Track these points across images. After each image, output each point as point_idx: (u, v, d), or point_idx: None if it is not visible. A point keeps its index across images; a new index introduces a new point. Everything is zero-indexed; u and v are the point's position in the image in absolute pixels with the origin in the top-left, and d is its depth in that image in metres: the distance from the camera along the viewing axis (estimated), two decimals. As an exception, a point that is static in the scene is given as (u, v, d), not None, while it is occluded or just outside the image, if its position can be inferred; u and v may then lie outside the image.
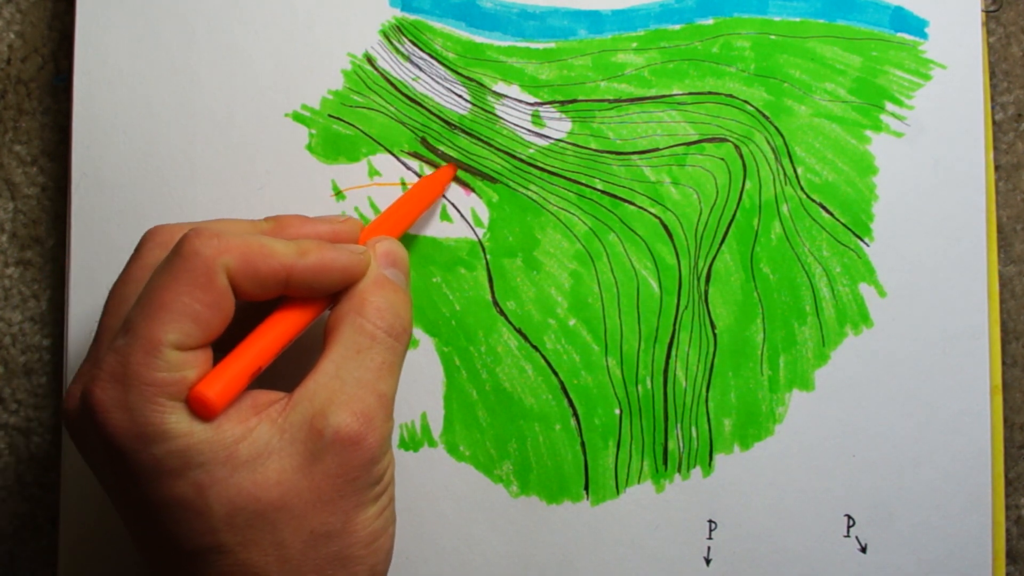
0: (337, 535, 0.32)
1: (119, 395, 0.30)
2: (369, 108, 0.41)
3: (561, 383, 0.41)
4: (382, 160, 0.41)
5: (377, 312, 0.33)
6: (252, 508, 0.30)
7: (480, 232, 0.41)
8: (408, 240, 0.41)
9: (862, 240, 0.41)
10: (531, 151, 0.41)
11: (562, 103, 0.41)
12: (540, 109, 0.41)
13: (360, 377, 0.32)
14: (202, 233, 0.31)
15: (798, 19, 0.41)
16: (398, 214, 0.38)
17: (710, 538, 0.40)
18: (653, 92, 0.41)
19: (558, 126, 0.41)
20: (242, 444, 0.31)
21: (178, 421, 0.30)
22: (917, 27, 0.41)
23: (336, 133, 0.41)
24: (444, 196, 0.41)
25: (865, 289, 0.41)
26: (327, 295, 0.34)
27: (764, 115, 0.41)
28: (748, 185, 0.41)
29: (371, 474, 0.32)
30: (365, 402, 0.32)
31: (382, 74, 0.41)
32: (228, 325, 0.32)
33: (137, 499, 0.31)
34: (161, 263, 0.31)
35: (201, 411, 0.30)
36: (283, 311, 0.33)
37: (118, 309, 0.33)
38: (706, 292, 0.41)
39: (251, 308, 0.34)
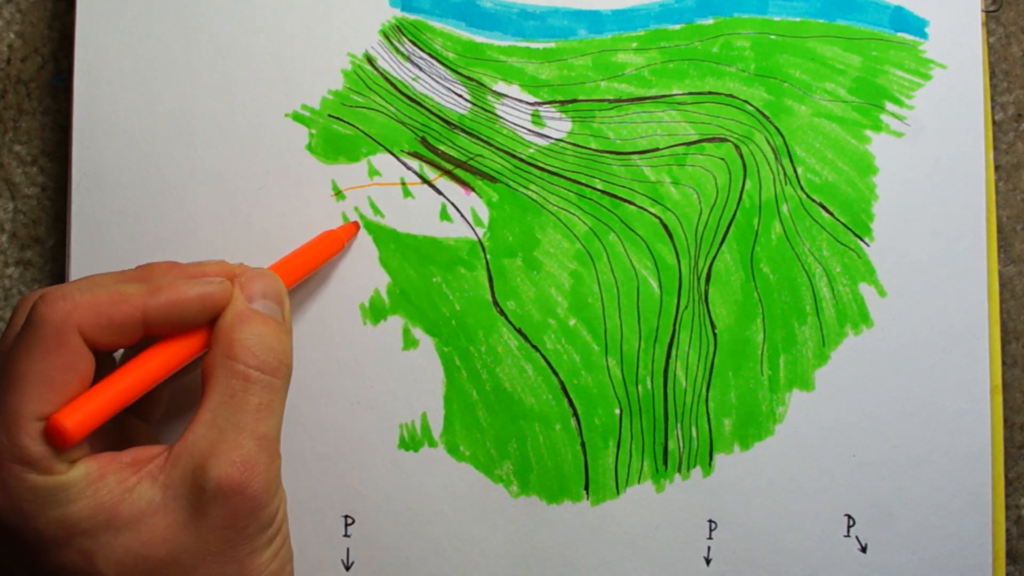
0: None
1: None
2: (369, 108, 0.41)
3: (561, 383, 0.41)
4: (382, 160, 0.41)
5: (246, 350, 0.32)
6: (142, 568, 0.30)
7: (480, 232, 0.41)
8: (408, 240, 0.41)
9: (862, 240, 0.41)
10: (531, 151, 0.41)
11: (562, 103, 0.41)
12: (540, 109, 0.41)
13: (238, 423, 0.32)
14: (47, 297, 0.31)
15: (798, 19, 0.41)
16: (291, 263, 0.38)
17: (710, 538, 0.40)
18: (653, 92, 0.41)
19: (558, 126, 0.41)
20: (122, 505, 0.30)
21: (53, 492, 0.30)
22: (917, 27, 0.41)
23: (336, 133, 0.41)
24: (443, 195, 0.41)
25: (865, 289, 0.41)
26: (194, 328, 0.33)
27: (764, 115, 0.41)
28: (748, 185, 0.41)
29: (260, 519, 0.32)
30: (244, 448, 0.31)
31: (382, 74, 0.41)
32: (89, 382, 0.31)
33: (31, 570, 0.31)
34: (16, 334, 0.31)
35: (58, 441, 0.30)
36: (155, 347, 0.33)
37: None
38: (706, 292, 0.41)
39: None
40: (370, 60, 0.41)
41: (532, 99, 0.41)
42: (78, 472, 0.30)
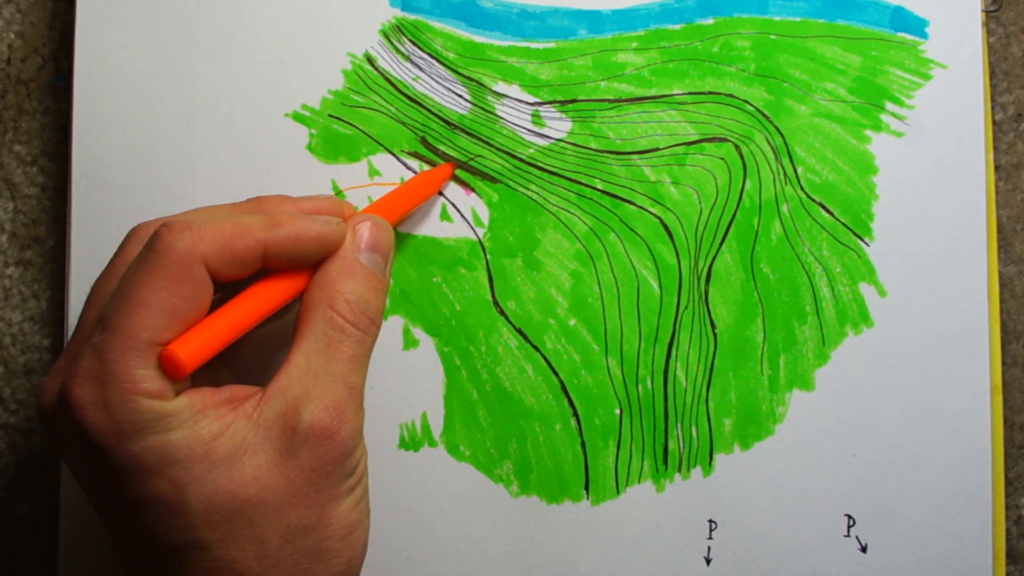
0: (313, 529, 0.32)
1: (97, 392, 0.30)
2: (369, 108, 0.41)
3: (561, 383, 0.41)
4: (382, 160, 0.41)
5: (347, 304, 0.33)
6: (230, 505, 0.31)
7: (480, 232, 0.41)
8: (408, 240, 0.41)
9: (862, 240, 0.41)
10: (531, 151, 0.41)
11: (562, 103, 0.41)
12: (540, 109, 0.41)
13: (331, 370, 0.33)
14: (173, 227, 0.31)
15: (798, 19, 0.41)
16: (390, 204, 0.38)
17: (710, 538, 0.40)
18: (653, 92, 0.41)
19: (558, 126, 0.41)
20: (219, 441, 0.31)
21: (157, 418, 0.30)
22: (917, 27, 0.41)
23: (336, 133, 0.41)
24: (443, 195, 0.41)
25: (865, 289, 0.41)
26: (306, 267, 0.34)
27: (764, 115, 0.41)
28: (748, 185, 0.41)
29: (344, 467, 0.32)
30: (337, 395, 0.32)
31: (382, 74, 0.41)
32: (206, 313, 0.32)
33: (115, 496, 0.31)
34: (135, 259, 0.31)
35: (171, 371, 0.30)
36: (263, 282, 0.33)
37: (98, 305, 0.33)
38: (706, 292, 0.41)
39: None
40: (370, 60, 0.41)
41: (532, 99, 0.41)
42: (182, 402, 0.31)
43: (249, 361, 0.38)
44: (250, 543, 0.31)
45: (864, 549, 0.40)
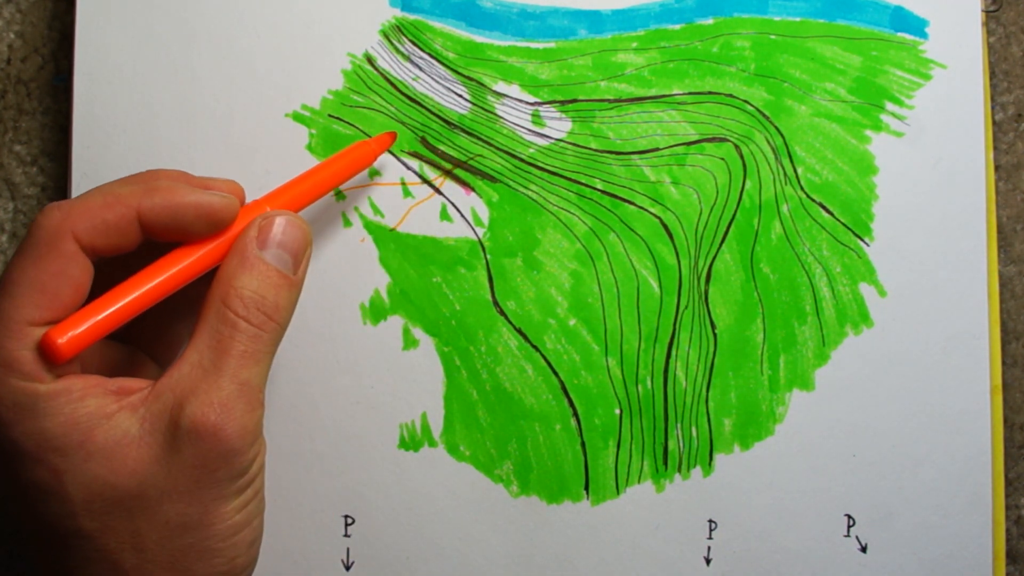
0: (195, 527, 0.32)
1: None
2: (369, 108, 0.41)
3: (561, 383, 0.41)
4: (382, 160, 0.41)
5: (239, 300, 0.32)
6: (108, 495, 0.30)
7: (480, 232, 0.41)
8: (408, 240, 0.41)
9: (862, 240, 0.41)
10: (531, 151, 0.41)
11: (562, 103, 0.41)
12: (540, 109, 0.41)
13: (221, 366, 0.32)
14: (45, 209, 0.31)
15: (798, 19, 0.41)
16: (303, 185, 0.37)
17: (710, 538, 0.40)
18: (653, 92, 0.41)
19: (558, 126, 0.41)
20: (97, 430, 0.30)
21: (33, 401, 0.30)
22: (917, 27, 0.41)
23: (336, 133, 0.41)
24: (443, 195, 0.41)
25: (865, 289, 0.41)
26: (195, 240, 0.33)
27: (764, 115, 0.41)
28: (748, 185, 0.41)
29: (232, 466, 0.32)
30: (224, 391, 0.32)
31: (382, 74, 0.41)
32: (93, 293, 0.31)
33: (4, 480, 0.31)
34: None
35: (51, 356, 0.30)
36: (155, 264, 0.33)
37: None
38: (706, 292, 0.41)
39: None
40: (370, 60, 0.41)
41: (532, 99, 0.41)
42: (59, 386, 0.30)
43: (171, 350, 0.38)
44: (128, 535, 0.31)
45: (864, 549, 0.40)
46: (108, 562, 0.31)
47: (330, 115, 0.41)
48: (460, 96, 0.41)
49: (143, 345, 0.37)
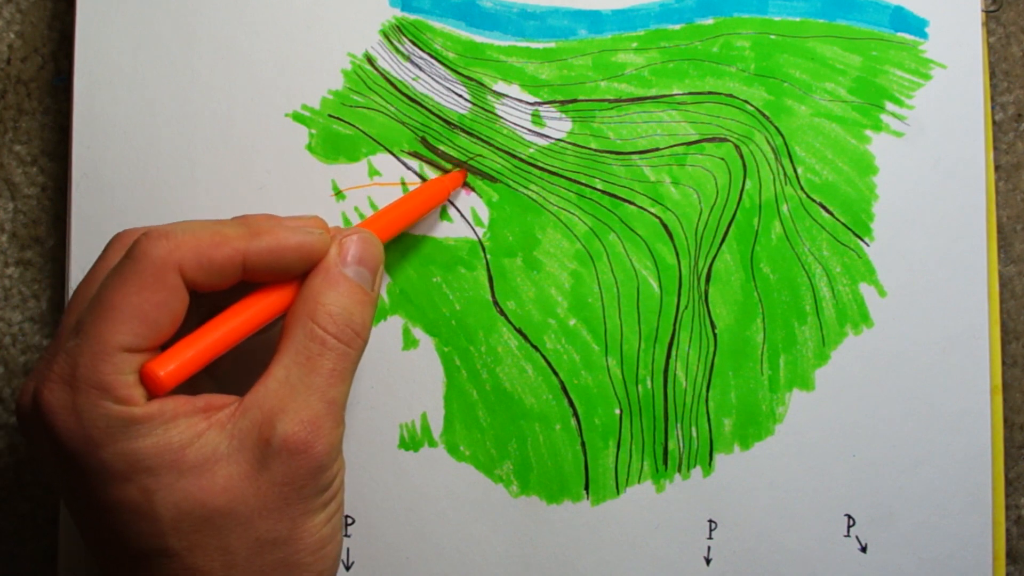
0: (283, 542, 0.32)
1: (67, 397, 0.30)
2: (369, 108, 0.41)
3: (561, 383, 0.41)
4: (382, 160, 0.41)
5: (328, 317, 0.33)
6: (198, 513, 0.31)
7: (480, 232, 0.41)
8: (408, 240, 0.41)
9: (862, 240, 0.41)
10: (531, 151, 0.41)
11: (562, 103, 0.41)
12: (540, 109, 0.41)
13: (310, 384, 0.32)
14: (152, 234, 0.31)
15: (798, 19, 0.41)
16: (391, 215, 0.38)
17: (710, 538, 0.40)
18: (653, 92, 0.41)
19: (558, 126, 0.41)
20: (189, 449, 0.31)
21: (126, 424, 0.30)
22: (917, 27, 0.41)
23: (336, 133, 0.41)
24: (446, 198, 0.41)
25: (865, 289, 0.41)
26: (289, 279, 0.34)
27: (764, 115, 0.41)
28: (748, 185, 0.41)
29: (319, 482, 0.32)
30: (314, 409, 0.32)
31: (382, 74, 0.41)
32: (184, 323, 0.32)
33: (86, 501, 0.31)
34: (114, 266, 0.32)
35: (152, 388, 0.30)
36: (249, 298, 0.33)
37: (78, 310, 0.33)
38: (706, 292, 0.41)
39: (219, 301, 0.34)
40: (370, 60, 0.41)
41: (532, 99, 0.41)
42: (152, 408, 0.31)
43: (232, 369, 0.38)
44: (218, 553, 0.31)
45: (864, 549, 0.40)
46: None
47: (330, 115, 0.41)
48: (460, 96, 0.41)
49: None
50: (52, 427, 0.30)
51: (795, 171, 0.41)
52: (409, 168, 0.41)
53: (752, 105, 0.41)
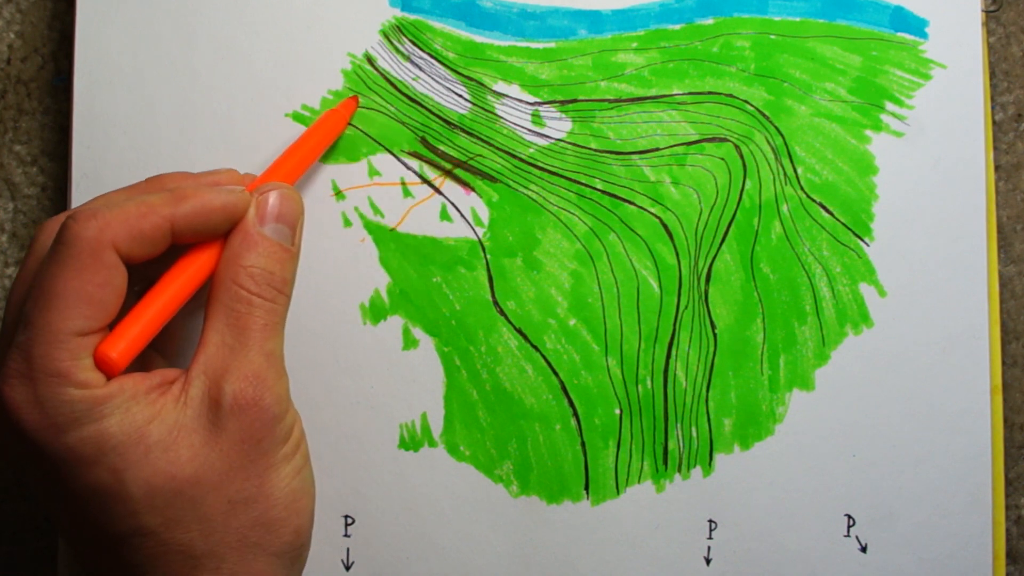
0: (255, 499, 0.32)
1: (28, 390, 0.30)
2: (369, 108, 0.41)
3: (561, 383, 0.41)
4: (382, 160, 0.41)
5: (250, 279, 0.34)
6: (169, 487, 0.31)
7: (480, 232, 0.41)
8: (408, 240, 0.41)
9: (862, 240, 0.41)
10: (531, 151, 0.41)
11: (562, 103, 0.41)
12: (540, 109, 0.41)
13: (245, 341, 0.33)
14: (79, 216, 0.31)
15: (798, 19, 0.41)
16: (292, 160, 0.38)
17: (710, 538, 0.40)
18: (653, 92, 0.41)
19: (558, 126, 0.41)
20: (152, 425, 0.31)
21: (89, 407, 0.30)
22: (917, 27, 0.41)
23: (336, 133, 0.41)
24: (443, 195, 0.41)
25: (865, 289, 0.41)
26: (216, 238, 0.34)
27: (764, 115, 0.41)
28: (748, 185, 0.41)
29: (275, 433, 0.33)
30: (254, 364, 0.33)
31: (382, 74, 0.41)
32: (123, 297, 0.32)
33: (58, 490, 0.31)
34: (47, 254, 0.32)
35: (106, 370, 0.31)
36: (178, 265, 0.34)
37: (17, 304, 0.33)
38: (706, 292, 0.41)
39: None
40: (370, 60, 0.41)
41: (532, 99, 0.41)
42: (113, 388, 0.31)
43: (180, 347, 0.39)
44: (195, 523, 0.31)
45: (864, 549, 0.40)
46: (178, 553, 0.31)
47: (330, 115, 0.41)
48: (460, 96, 0.41)
49: None
50: (17, 423, 0.30)
51: (795, 171, 0.41)
52: (409, 168, 0.41)
53: (752, 105, 0.41)
